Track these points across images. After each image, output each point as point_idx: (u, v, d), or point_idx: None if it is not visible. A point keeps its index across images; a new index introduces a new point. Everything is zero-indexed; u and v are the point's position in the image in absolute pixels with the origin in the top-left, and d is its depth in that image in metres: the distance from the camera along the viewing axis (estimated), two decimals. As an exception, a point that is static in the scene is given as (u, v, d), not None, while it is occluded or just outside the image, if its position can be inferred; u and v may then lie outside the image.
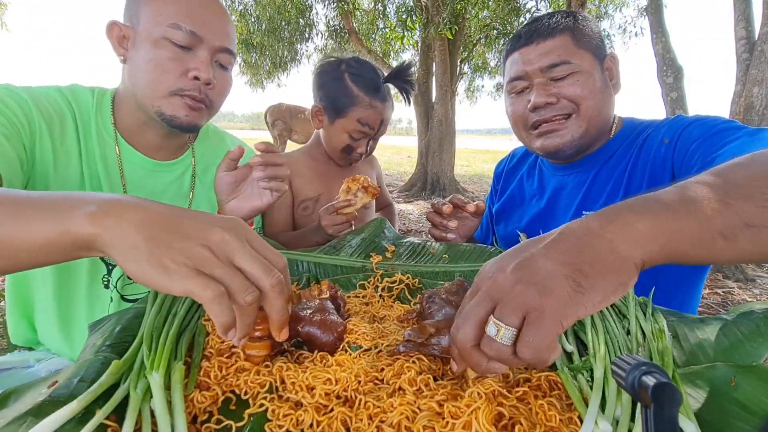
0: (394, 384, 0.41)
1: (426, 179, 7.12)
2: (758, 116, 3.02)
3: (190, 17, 0.78)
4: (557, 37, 0.86)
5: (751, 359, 0.41)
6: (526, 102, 0.89)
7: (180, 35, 0.77)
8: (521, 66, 0.88)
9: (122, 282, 0.87)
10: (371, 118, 1.15)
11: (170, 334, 0.45)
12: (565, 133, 0.87)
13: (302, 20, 8.10)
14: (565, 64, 0.84)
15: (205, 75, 0.79)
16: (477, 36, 7.94)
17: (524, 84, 0.90)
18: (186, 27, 0.77)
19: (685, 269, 0.87)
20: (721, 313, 0.51)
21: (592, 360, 0.44)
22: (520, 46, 0.90)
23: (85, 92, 0.86)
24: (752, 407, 0.35)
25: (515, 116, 0.93)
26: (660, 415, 0.29)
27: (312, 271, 0.75)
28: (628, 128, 0.93)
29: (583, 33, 0.86)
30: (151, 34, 0.77)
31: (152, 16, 0.78)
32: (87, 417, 0.34)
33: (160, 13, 0.77)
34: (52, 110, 0.78)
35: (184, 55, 0.79)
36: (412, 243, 0.87)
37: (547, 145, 0.89)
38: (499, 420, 0.37)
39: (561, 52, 0.85)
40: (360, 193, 0.97)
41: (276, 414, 0.38)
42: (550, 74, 0.86)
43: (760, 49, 3.04)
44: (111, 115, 0.86)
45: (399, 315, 0.59)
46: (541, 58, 0.86)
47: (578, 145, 0.88)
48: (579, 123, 0.86)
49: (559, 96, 0.85)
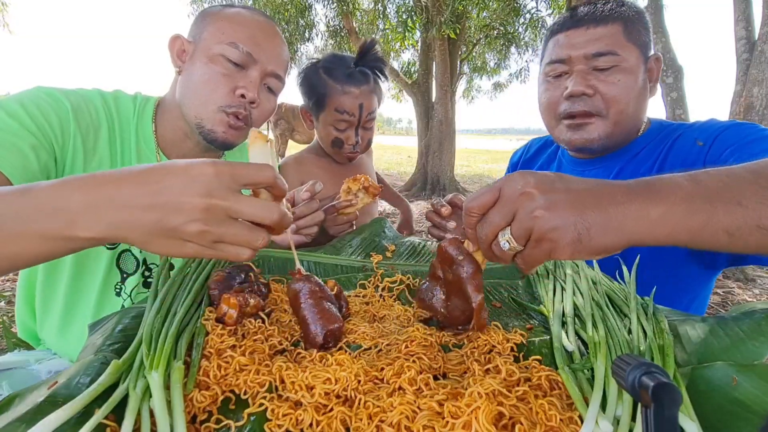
0: (394, 383, 0.41)
1: (426, 179, 7.12)
2: (758, 116, 3.02)
3: (249, 39, 0.82)
4: (609, 25, 0.82)
5: (753, 358, 0.41)
6: (563, 89, 0.86)
7: (236, 54, 0.81)
8: (565, 49, 0.85)
9: (136, 291, 0.88)
10: (347, 104, 1.13)
11: (170, 334, 0.45)
12: (593, 130, 0.86)
13: (302, 20, 8.09)
14: (612, 55, 0.81)
15: (251, 94, 0.82)
16: (477, 36, 7.94)
17: (564, 68, 0.87)
18: (243, 47, 0.81)
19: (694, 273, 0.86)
20: (721, 313, 0.50)
21: (593, 359, 0.44)
22: (567, 28, 0.86)
23: (127, 100, 0.88)
24: (753, 406, 0.35)
25: (548, 102, 0.91)
26: (660, 415, 0.28)
27: (312, 270, 0.75)
28: (656, 128, 0.92)
29: (635, 26, 0.83)
30: (210, 50, 0.81)
31: (215, 34, 0.82)
32: (86, 417, 0.34)
33: (222, 32, 0.82)
34: (90, 120, 0.80)
35: (236, 73, 0.82)
36: (412, 242, 0.87)
37: (575, 139, 0.88)
38: (499, 419, 0.37)
39: (610, 42, 0.81)
40: (361, 194, 0.97)
41: (275, 413, 0.38)
42: (594, 63, 0.83)
43: (760, 49, 3.04)
44: (152, 123, 0.88)
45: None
46: (588, 45, 0.82)
47: (605, 143, 0.87)
48: (606, 124, 0.85)
49: (596, 90, 0.83)
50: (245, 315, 0.53)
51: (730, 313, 0.49)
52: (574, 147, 0.90)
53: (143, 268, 0.89)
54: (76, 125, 0.76)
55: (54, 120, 0.73)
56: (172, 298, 0.53)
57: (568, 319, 0.53)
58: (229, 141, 0.85)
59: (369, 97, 1.16)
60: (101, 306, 0.85)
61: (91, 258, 0.84)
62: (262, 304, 0.55)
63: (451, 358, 0.48)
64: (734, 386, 0.37)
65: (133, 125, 0.86)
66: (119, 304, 0.87)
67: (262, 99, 0.86)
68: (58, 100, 0.75)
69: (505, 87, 11.01)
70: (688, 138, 0.84)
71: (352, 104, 1.13)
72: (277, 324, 0.54)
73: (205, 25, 0.84)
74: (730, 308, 2.41)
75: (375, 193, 0.97)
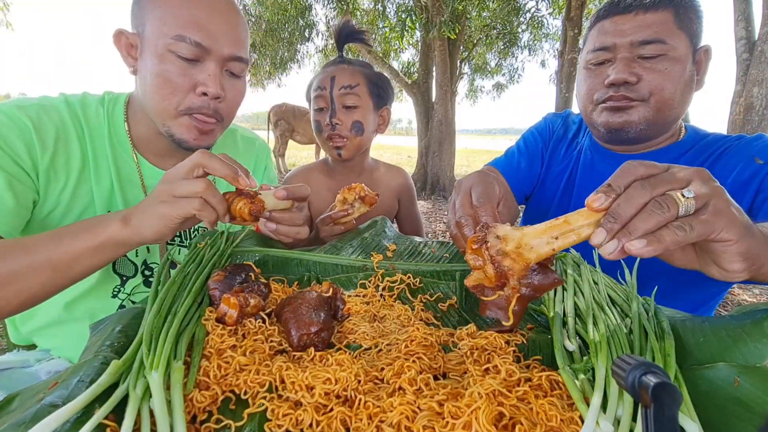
0: (394, 384, 0.41)
1: (426, 179, 7.11)
2: (758, 116, 3.02)
3: (196, 26, 0.72)
4: (660, 11, 0.77)
5: (755, 359, 0.41)
6: (604, 77, 0.82)
7: (185, 47, 0.72)
8: (611, 36, 0.81)
9: (136, 291, 0.88)
10: (320, 80, 1.13)
11: (170, 334, 0.45)
12: (632, 112, 0.81)
13: (302, 20, 8.09)
14: (660, 43, 0.77)
15: (213, 90, 0.75)
16: (477, 36, 7.94)
17: (608, 56, 0.82)
18: (191, 38, 0.72)
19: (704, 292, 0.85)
20: (722, 313, 0.50)
21: (593, 359, 0.44)
22: (614, 13, 0.81)
23: (95, 103, 0.82)
24: (754, 407, 0.35)
25: (587, 90, 0.86)
26: (660, 416, 0.28)
27: (312, 270, 0.75)
28: (692, 135, 0.89)
29: (687, 13, 0.78)
30: (156, 47, 0.73)
31: (157, 26, 0.73)
32: (86, 417, 0.34)
33: (164, 22, 0.72)
34: (56, 134, 0.75)
35: (191, 68, 0.74)
36: (412, 242, 0.87)
37: (612, 121, 0.83)
38: (499, 420, 0.37)
39: (659, 29, 0.77)
40: (357, 203, 0.95)
41: (275, 414, 0.38)
42: (640, 51, 0.78)
43: (760, 49, 3.04)
44: (125, 122, 0.83)
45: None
46: (636, 31, 0.78)
47: (644, 130, 0.82)
48: (648, 110, 0.81)
49: (640, 77, 0.79)
50: (245, 315, 0.53)
51: (731, 313, 0.49)
52: (611, 129, 0.84)
53: (143, 268, 0.89)
54: (41, 144, 0.72)
55: (20, 147, 0.69)
56: (172, 298, 0.53)
57: (569, 319, 0.53)
58: (202, 146, 0.79)
59: (343, 71, 1.11)
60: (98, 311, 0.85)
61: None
62: (262, 304, 0.55)
63: (451, 358, 0.48)
64: (736, 387, 0.37)
65: (105, 129, 0.81)
66: (116, 305, 0.86)
67: (227, 88, 0.78)
68: (18, 120, 0.70)
69: (506, 88, 11.01)
70: (740, 152, 0.81)
71: (323, 78, 1.12)
72: (277, 324, 0.54)
73: (143, 14, 0.75)
74: (730, 308, 2.40)
75: (371, 202, 0.95)
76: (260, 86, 9.84)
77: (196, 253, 0.67)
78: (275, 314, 0.56)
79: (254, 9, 8.05)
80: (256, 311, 0.54)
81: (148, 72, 0.74)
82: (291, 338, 0.50)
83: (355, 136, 1.13)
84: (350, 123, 1.12)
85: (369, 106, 1.14)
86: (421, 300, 0.66)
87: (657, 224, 0.39)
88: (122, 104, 0.84)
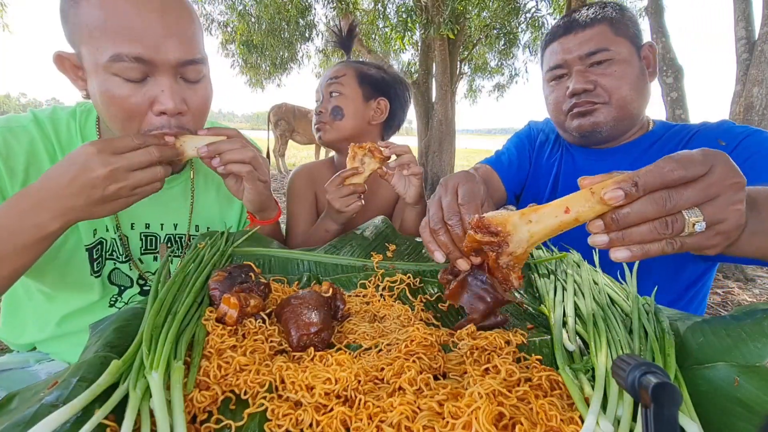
0: (394, 384, 0.41)
1: (426, 179, 7.11)
2: (758, 116, 3.02)
3: (129, 37, 0.62)
4: (596, 26, 0.89)
5: (755, 359, 0.41)
6: (565, 89, 0.93)
7: (126, 68, 0.63)
8: (561, 55, 0.92)
9: (134, 299, 0.88)
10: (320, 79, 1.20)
11: (170, 334, 0.45)
12: (598, 114, 0.90)
13: (302, 20, 8.09)
14: (604, 50, 0.88)
15: (171, 105, 0.67)
16: (477, 36, 7.93)
17: (563, 71, 0.94)
18: (128, 54, 0.62)
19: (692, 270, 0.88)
20: (721, 313, 0.50)
21: (593, 359, 0.44)
22: (559, 36, 0.93)
23: (65, 118, 0.78)
24: (754, 407, 0.35)
25: (555, 103, 0.97)
26: (660, 415, 0.28)
27: (313, 270, 0.75)
28: (661, 126, 0.97)
29: (621, 22, 0.90)
30: (97, 71, 0.65)
31: (90, 45, 0.64)
32: (86, 417, 0.34)
33: (95, 40, 0.63)
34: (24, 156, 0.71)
35: (142, 87, 0.66)
36: (412, 242, 0.87)
37: (583, 123, 0.92)
38: (499, 420, 0.37)
39: (599, 40, 0.88)
40: (367, 158, 0.90)
41: (275, 414, 0.38)
42: (589, 61, 0.89)
43: (760, 49, 3.04)
44: (97, 135, 0.79)
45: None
46: (581, 46, 0.89)
47: (612, 128, 0.91)
48: (611, 110, 0.90)
49: (596, 84, 0.89)
50: (245, 315, 0.53)
51: (731, 313, 0.49)
52: (583, 132, 0.93)
53: (138, 278, 0.89)
54: (9, 172, 0.68)
55: None
56: (172, 298, 0.53)
57: (569, 319, 0.53)
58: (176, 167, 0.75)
59: (335, 67, 1.19)
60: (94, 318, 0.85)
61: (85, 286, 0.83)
62: (262, 304, 0.55)
63: (451, 358, 0.48)
64: (736, 387, 0.37)
65: (78, 143, 0.75)
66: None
67: (188, 98, 0.70)
68: None
69: (506, 88, 11.00)
70: (706, 136, 0.88)
71: (322, 77, 1.20)
72: (277, 324, 0.54)
73: (72, 32, 0.66)
74: (730, 308, 2.40)
75: (381, 158, 0.91)
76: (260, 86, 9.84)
77: (196, 253, 0.67)
78: (275, 314, 0.56)
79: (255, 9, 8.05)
80: (256, 311, 0.54)
81: (98, 97, 0.67)
82: (291, 338, 0.50)
83: (333, 120, 1.14)
84: (331, 109, 1.14)
85: (355, 94, 1.15)
86: (421, 300, 0.66)
87: (653, 240, 0.40)
88: (95, 116, 0.80)
